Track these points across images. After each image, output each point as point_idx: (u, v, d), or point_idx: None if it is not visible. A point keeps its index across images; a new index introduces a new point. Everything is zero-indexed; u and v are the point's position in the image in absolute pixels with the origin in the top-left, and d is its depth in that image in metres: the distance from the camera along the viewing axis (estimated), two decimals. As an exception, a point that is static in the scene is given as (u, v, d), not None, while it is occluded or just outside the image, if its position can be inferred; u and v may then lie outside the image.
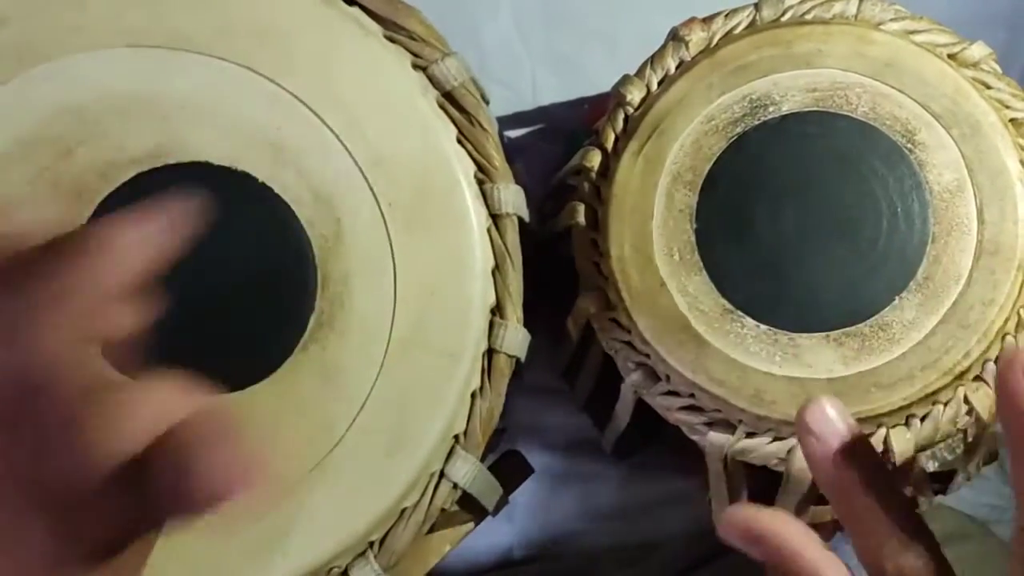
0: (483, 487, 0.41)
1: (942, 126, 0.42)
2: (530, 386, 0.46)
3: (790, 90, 0.43)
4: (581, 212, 0.44)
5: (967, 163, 0.42)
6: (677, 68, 0.44)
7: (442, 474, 0.40)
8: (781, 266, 0.41)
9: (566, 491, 0.60)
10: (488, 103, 0.43)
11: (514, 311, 0.41)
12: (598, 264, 0.43)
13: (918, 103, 0.42)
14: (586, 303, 0.43)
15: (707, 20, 0.45)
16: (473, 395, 0.41)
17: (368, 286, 0.40)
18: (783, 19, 0.44)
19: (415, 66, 0.41)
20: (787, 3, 0.44)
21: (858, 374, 0.40)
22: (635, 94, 0.44)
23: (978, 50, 0.44)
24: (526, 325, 0.42)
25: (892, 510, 0.28)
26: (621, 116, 0.45)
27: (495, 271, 0.41)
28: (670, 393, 0.42)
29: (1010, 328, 0.40)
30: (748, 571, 0.60)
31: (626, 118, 0.44)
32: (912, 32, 0.44)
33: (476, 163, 0.42)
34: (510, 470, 0.45)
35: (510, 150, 0.44)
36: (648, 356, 0.42)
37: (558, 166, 0.49)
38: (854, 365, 0.40)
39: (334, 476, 0.39)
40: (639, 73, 0.45)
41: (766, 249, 0.42)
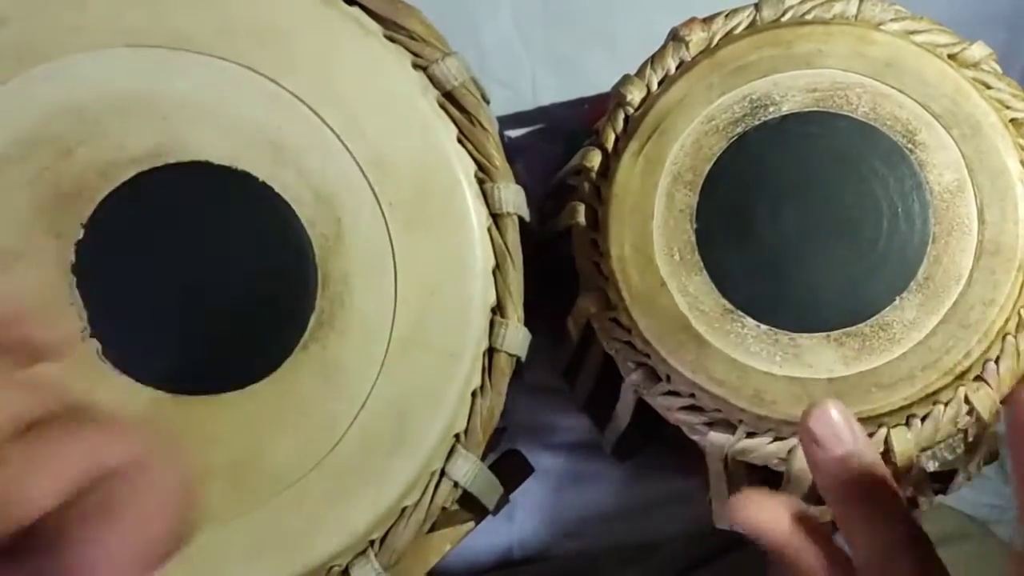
0: (483, 486, 0.41)
1: (942, 126, 0.42)
2: (530, 386, 0.46)
3: (790, 90, 0.43)
4: (581, 212, 0.44)
5: (967, 163, 0.42)
6: (677, 68, 0.44)
7: (443, 473, 0.40)
8: (781, 266, 0.41)
9: (566, 491, 0.60)
10: (488, 103, 0.43)
11: (515, 310, 0.41)
12: (598, 264, 0.43)
13: (918, 103, 0.42)
14: (586, 303, 0.43)
15: (707, 20, 0.45)
16: (474, 394, 0.41)
17: (369, 285, 0.40)
18: (783, 19, 0.44)
19: (415, 66, 0.41)
20: (787, 3, 0.44)
21: (859, 374, 0.40)
22: (635, 94, 0.44)
23: (978, 50, 0.44)
24: (527, 325, 0.42)
25: (890, 518, 0.28)
26: (621, 116, 0.45)
27: (495, 270, 0.41)
28: (670, 393, 0.42)
29: (1010, 328, 0.40)
30: (748, 571, 0.60)
31: (626, 118, 0.44)
32: (912, 32, 0.44)
33: (476, 163, 0.42)
34: (510, 469, 0.45)
35: (510, 150, 0.44)
36: (648, 356, 0.42)
37: (558, 166, 0.49)
38: (855, 365, 0.40)
39: (335, 475, 0.39)
40: (639, 73, 0.45)
41: (767, 249, 0.42)
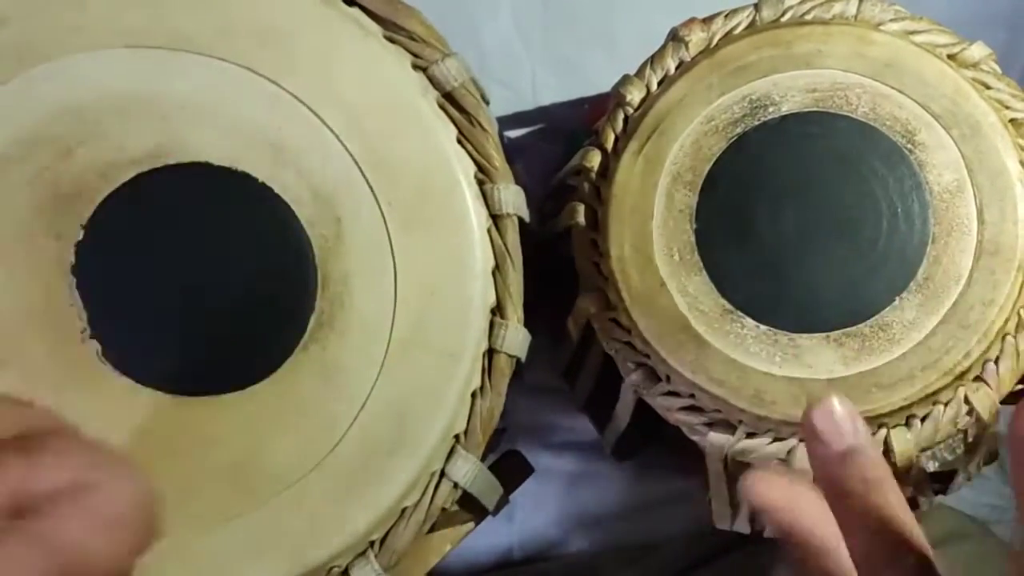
0: (483, 487, 0.41)
1: (942, 126, 0.42)
2: (530, 386, 0.46)
3: (790, 90, 0.43)
4: (581, 212, 0.44)
5: (967, 163, 0.42)
6: (677, 68, 0.44)
7: (443, 474, 0.40)
8: (781, 266, 0.41)
9: (566, 491, 0.60)
10: (488, 103, 0.43)
11: (514, 311, 0.41)
12: (598, 264, 0.43)
13: (918, 103, 0.42)
14: (586, 303, 0.43)
15: (707, 20, 0.45)
16: (473, 395, 0.41)
17: (368, 286, 0.40)
18: (783, 19, 0.44)
19: (415, 66, 0.41)
20: (787, 3, 0.44)
21: (858, 374, 0.40)
22: (635, 94, 0.44)
23: (978, 50, 0.44)
24: (526, 325, 0.42)
25: (889, 518, 0.28)
26: (621, 116, 0.45)
27: (495, 271, 0.41)
28: (670, 393, 0.42)
29: (1010, 328, 0.41)
30: (748, 571, 0.60)
31: (626, 118, 0.44)
32: (912, 32, 0.44)
33: (476, 163, 0.42)
34: (510, 470, 0.45)
35: (510, 150, 0.44)
36: (648, 356, 0.42)
37: (558, 166, 0.49)
38: (854, 365, 0.40)
39: (334, 476, 0.39)
40: (639, 73, 0.45)
41: (766, 249, 0.42)
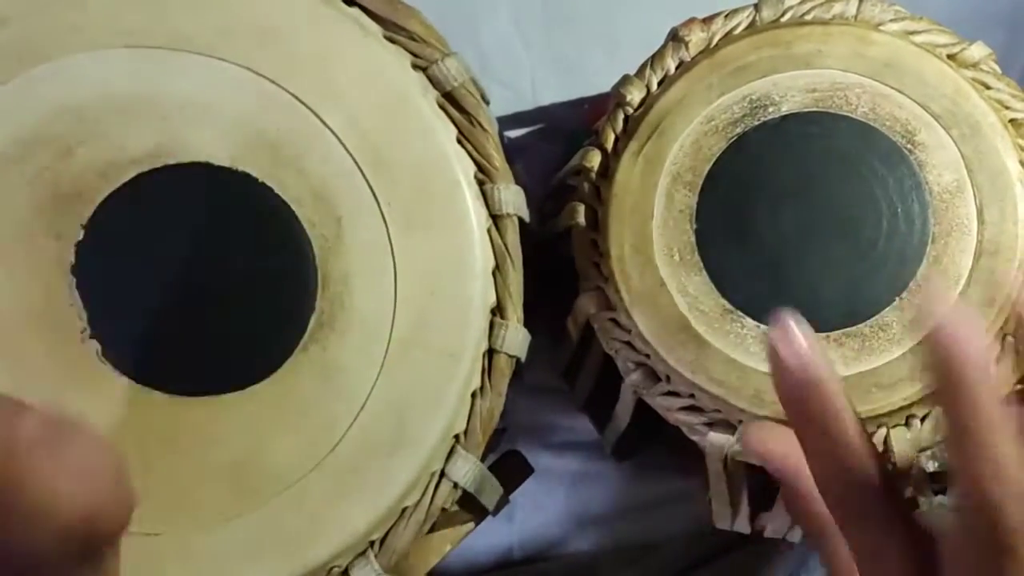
0: (483, 487, 0.41)
1: (942, 126, 0.42)
2: (530, 386, 0.46)
3: (790, 90, 0.43)
4: (581, 212, 0.44)
5: (967, 164, 0.42)
6: (677, 68, 0.44)
7: (443, 474, 0.40)
8: (781, 266, 0.41)
9: (566, 491, 0.60)
10: (488, 103, 0.43)
11: (514, 311, 0.41)
12: (598, 264, 0.43)
13: (918, 103, 0.42)
14: (586, 303, 0.43)
15: (707, 20, 0.45)
16: (473, 395, 0.41)
17: (368, 286, 0.40)
18: (783, 20, 0.44)
19: (415, 66, 0.41)
20: (787, 4, 0.44)
21: (858, 374, 0.40)
22: (635, 94, 0.44)
23: (978, 50, 0.44)
24: (526, 325, 0.42)
25: (846, 440, 0.29)
26: (621, 116, 0.45)
27: (495, 271, 0.41)
28: (670, 393, 0.42)
29: (1010, 328, 0.40)
30: (748, 571, 0.60)
31: (626, 118, 0.44)
32: (912, 32, 0.44)
33: (476, 163, 0.42)
34: (510, 470, 0.45)
35: (510, 150, 0.44)
36: (648, 356, 0.42)
37: (558, 166, 0.49)
38: (854, 365, 0.40)
39: (335, 476, 0.39)
40: (639, 73, 0.45)
41: (766, 249, 0.42)
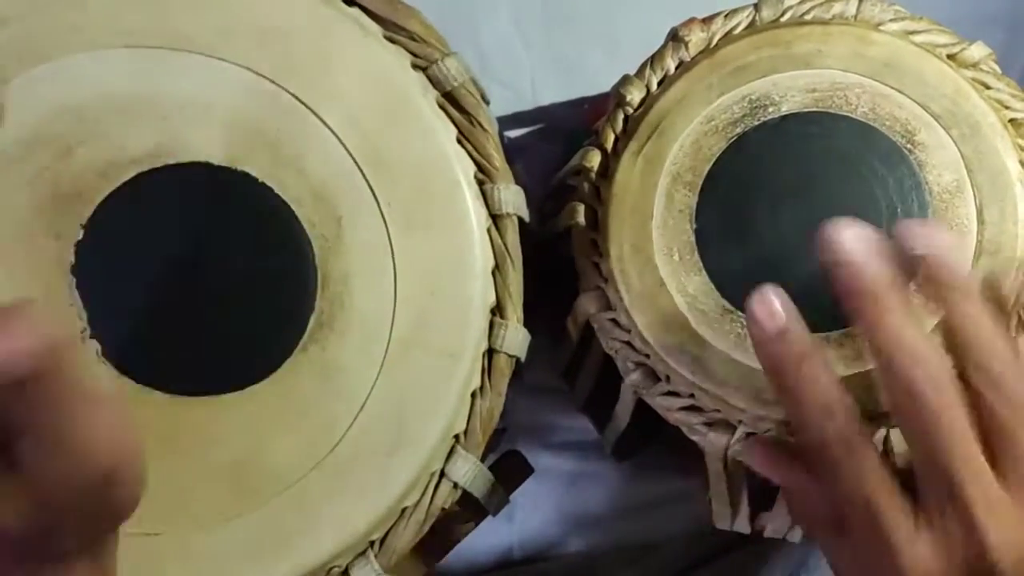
0: (483, 487, 0.41)
1: (942, 126, 0.42)
2: (530, 386, 0.46)
3: (790, 90, 0.43)
4: (581, 212, 0.44)
5: (967, 163, 0.42)
6: (677, 68, 0.44)
7: (442, 474, 0.40)
8: (781, 266, 0.41)
9: (566, 491, 0.60)
10: (488, 103, 0.43)
11: (514, 311, 0.41)
12: (598, 264, 0.43)
13: (918, 103, 0.42)
14: (586, 303, 0.43)
15: (707, 20, 0.45)
16: (473, 395, 0.41)
17: (368, 286, 0.40)
18: (782, 19, 0.44)
19: (415, 66, 0.41)
20: (787, 3, 0.44)
21: (858, 375, 0.40)
22: (635, 94, 0.44)
23: (977, 50, 0.44)
24: (526, 325, 0.42)
25: (820, 387, 0.35)
26: (621, 116, 0.45)
27: (495, 271, 0.41)
28: (670, 393, 0.42)
29: (1010, 328, 0.40)
30: (748, 571, 0.60)
31: (626, 118, 0.44)
32: (912, 32, 0.44)
33: (476, 163, 0.42)
34: (510, 470, 0.45)
35: (510, 150, 0.44)
36: (648, 356, 0.42)
37: (558, 166, 0.49)
38: (854, 365, 0.40)
39: (334, 476, 0.39)
40: (639, 73, 0.45)
41: (766, 249, 0.42)
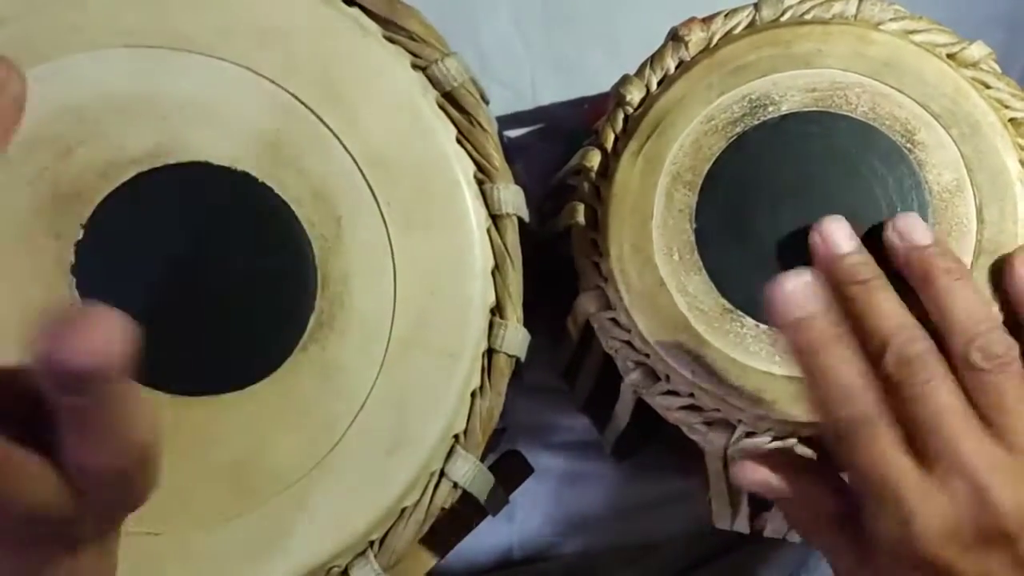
0: (483, 487, 0.41)
1: (941, 126, 0.42)
2: (530, 386, 0.46)
3: (790, 90, 0.43)
4: (581, 212, 0.44)
5: (966, 163, 0.42)
6: (677, 68, 0.44)
7: (442, 473, 0.40)
8: (781, 266, 0.41)
9: (566, 491, 0.60)
10: (488, 103, 0.43)
11: (514, 311, 0.41)
12: (598, 264, 0.43)
13: (918, 103, 0.42)
14: (586, 303, 0.43)
15: (707, 20, 0.45)
16: (473, 395, 0.41)
17: (368, 286, 0.40)
18: (782, 19, 0.44)
19: (415, 66, 0.41)
20: (786, 3, 0.44)
21: None
22: (635, 94, 0.44)
23: (977, 50, 0.44)
24: (526, 325, 0.42)
25: (844, 364, 0.35)
26: (621, 116, 0.45)
27: (495, 271, 0.41)
28: (670, 393, 0.42)
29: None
30: (748, 571, 0.60)
31: (626, 118, 0.44)
32: (911, 32, 0.44)
33: (476, 163, 0.42)
34: (510, 470, 0.45)
35: (510, 150, 0.44)
36: (648, 356, 0.42)
37: (558, 166, 0.49)
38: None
39: (334, 475, 0.39)
40: (639, 73, 0.45)
41: (766, 249, 0.42)
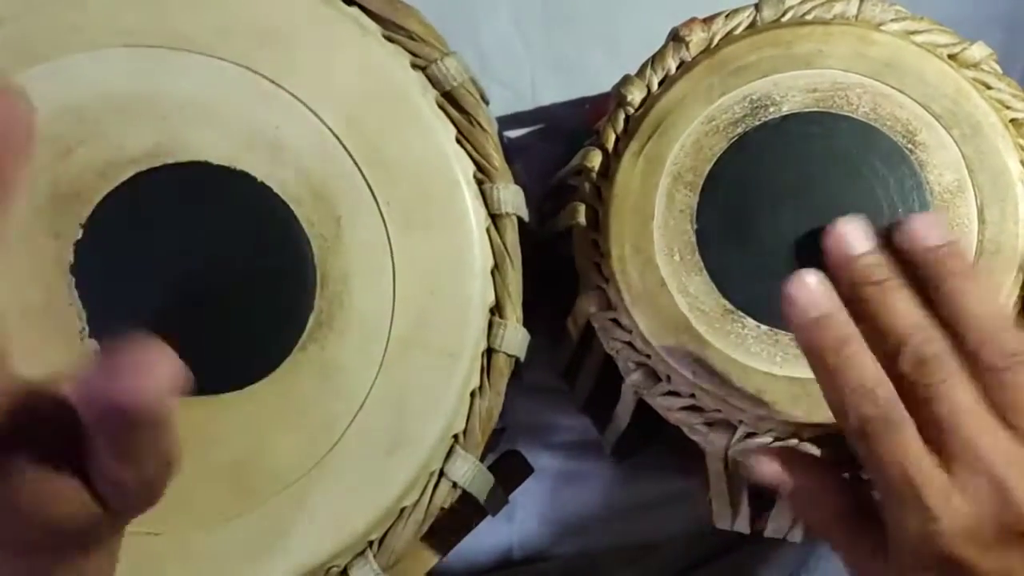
0: (483, 487, 0.41)
1: (943, 126, 0.42)
2: (530, 386, 0.46)
3: (791, 90, 0.43)
4: (582, 212, 0.44)
5: (968, 163, 0.42)
6: (678, 68, 0.44)
7: (441, 473, 0.40)
8: (782, 266, 0.41)
9: (566, 491, 0.60)
10: (488, 103, 0.43)
11: (513, 311, 0.41)
12: (598, 264, 0.43)
13: (919, 103, 0.42)
14: (586, 303, 0.43)
15: (707, 20, 0.45)
16: (472, 394, 0.41)
17: (367, 285, 0.40)
18: (783, 19, 0.44)
19: (414, 66, 0.41)
20: (787, 3, 0.44)
21: None
22: (636, 94, 0.44)
23: (978, 50, 0.44)
24: (526, 325, 0.42)
25: (856, 366, 0.35)
26: (622, 116, 0.44)
27: (494, 271, 0.41)
28: (670, 393, 0.42)
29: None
30: (748, 571, 0.60)
31: (627, 118, 0.44)
32: (912, 32, 0.44)
33: (475, 163, 0.42)
34: (510, 470, 0.45)
35: (510, 150, 0.44)
36: (648, 356, 0.42)
37: (558, 166, 0.49)
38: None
39: (334, 475, 0.39)
40: (639, 73, 0.45)
41: (767, 249, 0.42)
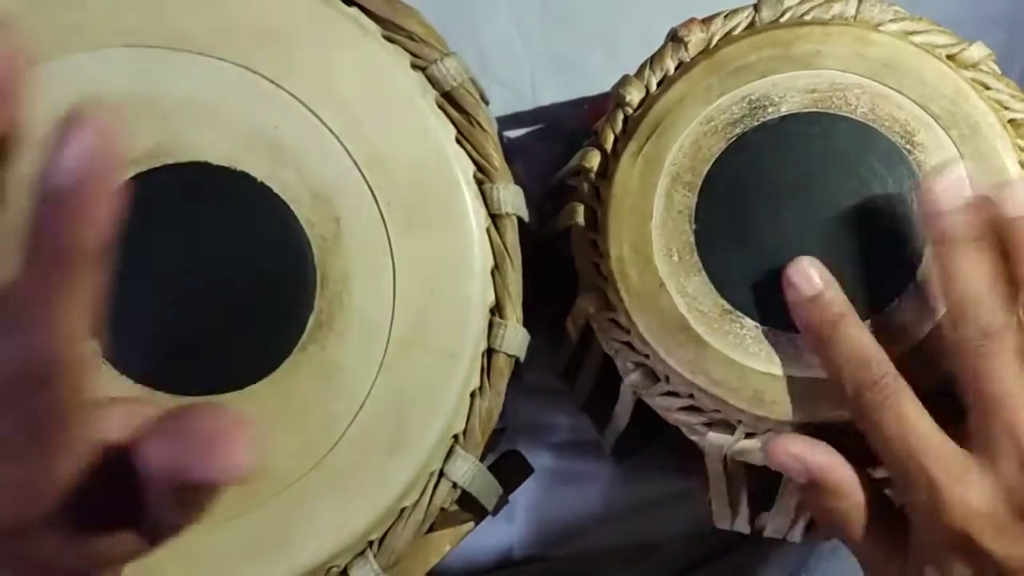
0: (483, 487, 0.41)
1: (941, 127, 0.42)
2: (530, 386, 0.46)
3: (789, 91, 0.43)
4: (581, 212, 0.44)
5: (966, 164, 0.42)
6: (676, 69, 0.44)
7: (441, 473, 0.40)
8: (781, 267, 0.41)
9: (566, 491, 0.60)
10: (487, 103, 0.43)
11: (513, 311, 0.41)
12: (597, 264, 0.43)
13: (917, 104, 0.42)
14: (585, 303, 0.43)
15: (706, 21, 0.45)
16: (472, 395, 0.41)
17: (367, 286, 0.40)
18: (782, 20, 0.44)
19: (414, 66, 0.41)
20: (786, 4, 0.44)
21: None
22: (634, 95, 0.44)
23: (977, 51, 0.44)
24: (526, 325, 0.42)
25: (853, 341, 0.39)
26: (620, 117, 0.44)
27: (494, 271, 0.41)
28: (669, 394, 0.42)
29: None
30: (748, 571, 0.60)
31: (625, 119, 0.44)
32: (911, 33, 0.44)
33: (475, 163, 0.42)
34: (510, 470, 0.45)
35: (510, 150, 0.44)
36: (647, 356, 0.42)
37: (558, 166, 0.49)
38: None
39: (334, 475, 0.39)
40: (638, 74, 0.45)
41: (766, 250, 0.42)
